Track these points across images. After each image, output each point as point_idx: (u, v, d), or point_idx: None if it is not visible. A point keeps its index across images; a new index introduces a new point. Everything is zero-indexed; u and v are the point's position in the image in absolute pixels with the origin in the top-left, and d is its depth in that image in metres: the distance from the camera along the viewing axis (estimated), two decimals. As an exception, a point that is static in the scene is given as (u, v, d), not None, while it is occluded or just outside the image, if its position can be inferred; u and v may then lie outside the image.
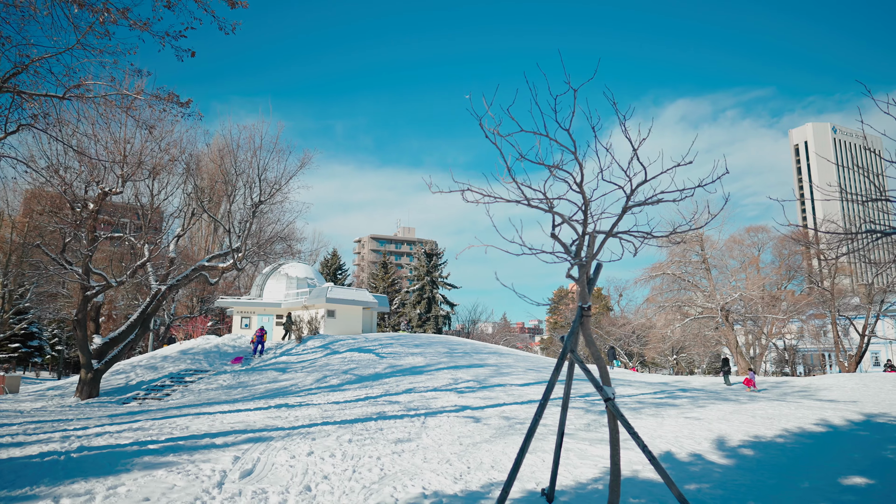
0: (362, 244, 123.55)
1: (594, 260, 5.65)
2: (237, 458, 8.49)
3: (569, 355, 5.69)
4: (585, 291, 5.67)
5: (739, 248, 47.30)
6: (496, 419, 12.85)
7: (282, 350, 30.31)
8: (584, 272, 5.72)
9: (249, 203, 23.36)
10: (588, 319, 5.64)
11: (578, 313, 5.66)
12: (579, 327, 5.65)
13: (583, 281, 5.69)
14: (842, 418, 14.74)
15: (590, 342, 5.61)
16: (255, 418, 12.94)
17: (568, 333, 5.64)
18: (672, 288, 45.57)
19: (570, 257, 5.78)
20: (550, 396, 5.57)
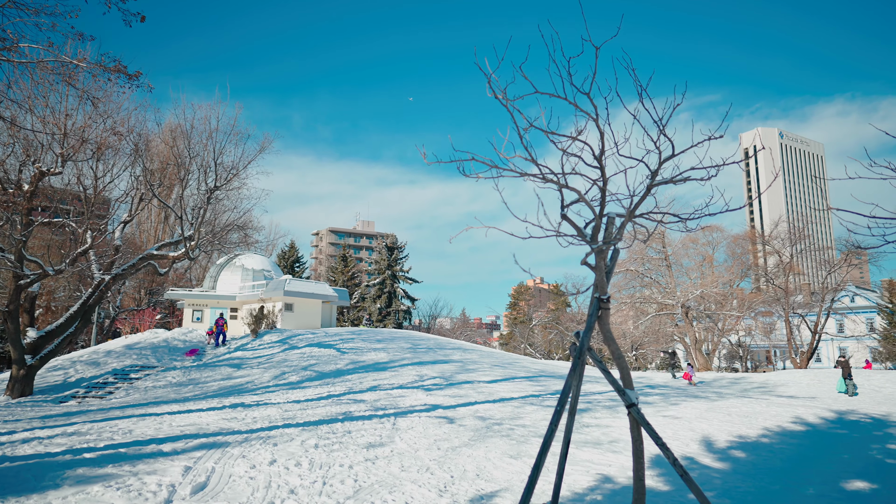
0: (320, 237, 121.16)
1: (613, 245, 4.91)
2: (188, 469, 7.45)
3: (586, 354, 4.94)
4: (604, 280, 4.93)
5: (695, 246, 47.98)
6: (471, 419, 12.08)
7: (236, 345, 28.86)
8: (601, 258, 4.97)
9: (204, 189, 21.91)
10: (606, 313, 4.90)
11: (595, 305, 4.91)
12: (596, 322, 4.89)
13: (600, 268, 4.94)
14: (816, 416, 14.58)
15: (609, 339, 4.87)
16: (209, 420, 11.81)
17: (585, 329, 4.88)
18: (631, 285, 45.85)
19: (585, 241, 5.02)
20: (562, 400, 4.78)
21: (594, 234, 5.03)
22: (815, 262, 78.48)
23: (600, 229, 5.02)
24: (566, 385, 4.75)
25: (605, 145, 4.85)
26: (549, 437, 4.55)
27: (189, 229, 22.11)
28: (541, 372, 25.46)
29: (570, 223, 5.13)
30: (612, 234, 5.01)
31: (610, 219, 4.98)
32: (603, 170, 4.97)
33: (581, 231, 5.07)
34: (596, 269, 4.95)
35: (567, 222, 5.15)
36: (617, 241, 4.86)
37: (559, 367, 34.43)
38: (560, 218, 5.22)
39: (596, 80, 4.87)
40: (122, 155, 20.63)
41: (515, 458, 8.52)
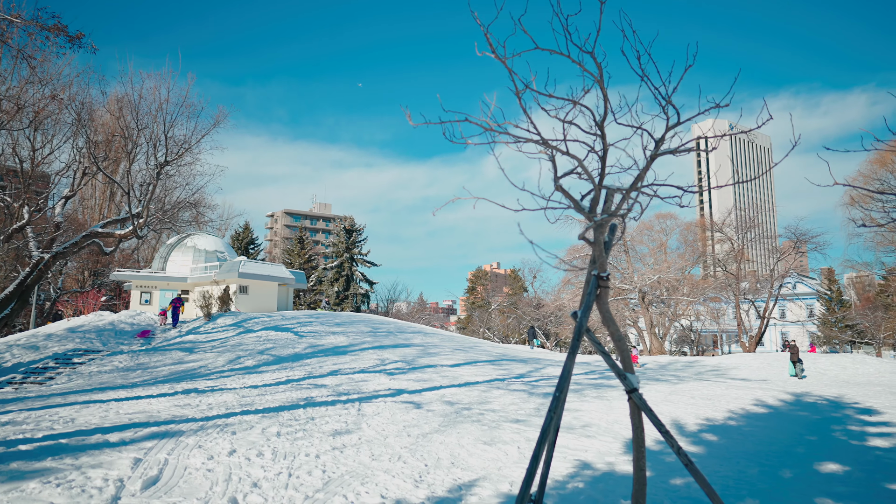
0: (275, 219, 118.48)
1: (613, 219, 4.54)
2: (138, 462, 6.82)
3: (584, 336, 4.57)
4: (603, 256, 4.57)
5: (650, 233, 48.94)
6: (439, 404, 11.73)
7: (188, 328, 27.72)
8: (600, 233, 4.60)
9: (153, 163, 20.71)
10: (606, 291, 4.55)
11: (594, 284, 4.55)
12: (595, 301, 4.53)
13: (599, 243, 4.58)
14: (775, 398, 14.84)
15: (609, 319, 4.52)
16: (160, 407, 11.09)
17: (582, 309, 4.52)
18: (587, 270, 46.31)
19: (584, 214, 4.65)
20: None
21: (592, 206, 4.66)
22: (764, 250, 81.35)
23: (599, 201, 4.65)
24: (565, 369, 4.39)
25: (608, 109, 4.47)
26: (547, 425, 4.19)
27: (137, 206, 20.90)
28: (502, 356, 25.39)
29: (566, 195, 4.74)
30: (611, 206, 4.64)
31: (609, 191, 4.61)
32: (604, 137, 4.59)
33: (578, 203, 4.69)
34: (595, 244, 4.58)
35: (562, 193, 4.76)
36: (617, 214, 4.49)
37: (519, 350, 34.52)
38: (555, 189, 4.82)
39: (599, 40, 4.48)
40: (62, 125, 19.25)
41: (489, 445, 8.20)
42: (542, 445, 4.14)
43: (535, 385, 15.61)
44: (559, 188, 4.79)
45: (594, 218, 4.58)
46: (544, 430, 4.16)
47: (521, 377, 17.64)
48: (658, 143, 4.62)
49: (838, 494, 6.52)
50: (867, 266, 47.75)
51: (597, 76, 4.41)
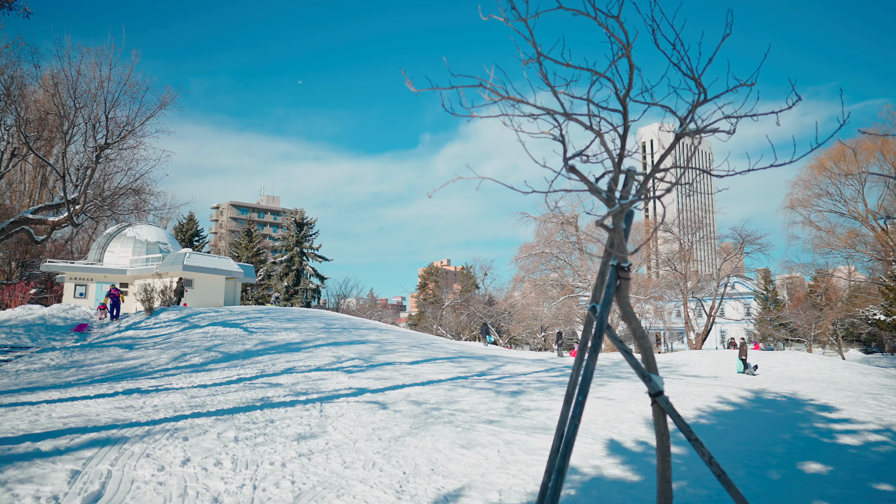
0: (221, 211, 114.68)
1: (633, 204, 4.10)
2: (76, 474, 5.98)
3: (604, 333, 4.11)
4: (623, 244, 4.12)
5: (600, 232, 49.62)
6: (405, 404, 11.15)
7: (127, 323, 26.10)
8: (619, 219, 4.16)
9: (92, 146, 19.25)
10: (627, 283, 4.10)
11: (613, 275, 4.10)
12: (614, 295, 4.08)
13: (619, 230, 4.13)
14: (736, 396, 14.96)
15: (629, 315, 4.07)
16: (99, 409, 10.09)
17: (602, 303, 4.06)
18: (539, 268, 46.66)
19: (600, 198, 4.19)
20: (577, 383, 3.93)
21: (610, 189, 4.20)
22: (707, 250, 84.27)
23: (618, 183, 4.20)
24: (586, 369, 3.92)
25: (632, 80, 4.01)
26: (571, 433, 3.70)
27: (73, 192, 19.40)
28: (459, 353, 24.98)
29: (581, 176, 4.26)
30: (630, 190, 4.20)
31: (629, 173, 4.17)
32: (626, 112, 4.14)
33: (594, 186, 4.22)
34: (614, 231, 4.13)
35: (576, 175, 4.29)
36: (643, 198, 4.05)
37: (475, 347, 34.27)
38: (566, 170, 4.35)
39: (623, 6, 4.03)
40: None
41: (468, 449, 7.69)
42: (565, 457, 3.66)
43: (500, 383, 15.23)
44: (572, 169, 4.31)
45: (617, 202, 4.13)
46: (568, 439, 3.68)
47: (483, 375, 17.25)
48: (683, 121, 4.20)
49: (831, 497, 6.34)
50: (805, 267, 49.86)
51: (624, 42, 3.95)
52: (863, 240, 40.97)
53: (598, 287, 4.43)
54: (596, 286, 4.43)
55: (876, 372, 27.89)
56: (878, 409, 13.50)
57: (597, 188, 4.27)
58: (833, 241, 40.95)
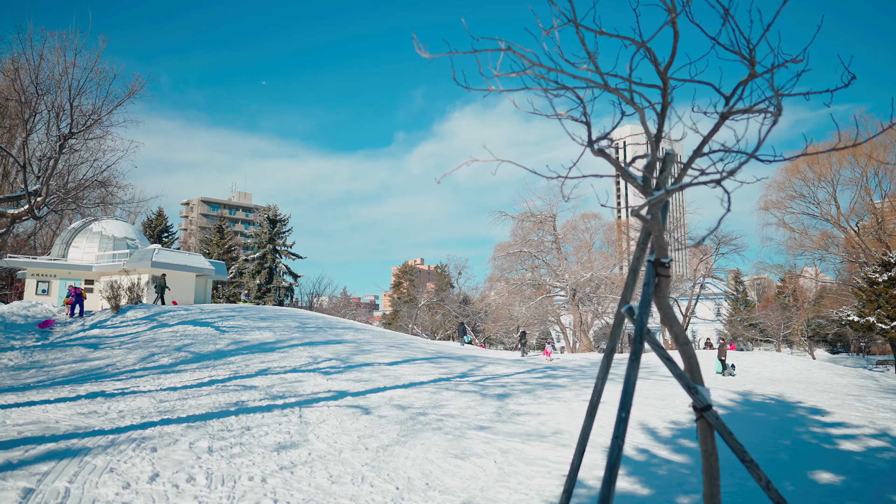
0: (191, 207, 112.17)
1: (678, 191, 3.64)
2: (29, 493, 5.31)
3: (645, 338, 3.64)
4: (663, 238, 3.66)
5: (574, 232, 49.60)
6: (389, 409, 10.60)
7: (92, 321, 24.96)
8: (658, 209, 3.70)
9: (56, 135, 18.22)
10: (666, 281, 3.64)
11: (651, 272, 3.63)
12: (653, 295, 3.61)
13: (657, 221, 3.68)
14: (724, 398, 14.75)
15: (671, 317, 3.61)
16: (59, 415, 9.32)
17: (641, 303, 3.59)
18: (515, 267, 46.42)
19: (635, 185, 3.73)
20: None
21: (647, 175, 3.73)
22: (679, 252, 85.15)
23: (655, 169, 3.74)
24: (628, 381, 3.44)
25: (675, 51, 3.55)
26: (615, 455, 3.22)
27: (35, 183, 18.36)
28: (437, 353, 24.49)
29: (611, 161, 3.80)
30: (667, 177, 3.74)
31: (669, 155, 3.71)
32: (666, 88, 3.67)
33: (625, 171, 3.76)
34: (652, 222, 3.66)
35: (605, 159, 3.82)
36: (684, 185, 3.59)
37: (452, 347, 33.78)
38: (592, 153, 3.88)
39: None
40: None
41: (462, 459, 7.19)
42: (610, 486, 3.17)
43: (484, 385, 14.77)
44: (601, 152, 3.83)
45: (656, 190, 3.66)
46: (612, 462, 3.19)
47: (465, 376, 16.79)
48: (728, 98, 3.75)
49: (851, 510, 6.00)
50: (778, 268, 50.53)
51: (670, 6, 3.48)
52: (835, 242, 41.64)
53: (630, 286, 3.96)
54: (627, 285, 3.96)
55: (850, 372, 28.16)
56: (866, 411, 13.38)
57: (630, 174, 3.80)
58: (806, 243, 41.52)
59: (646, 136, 3.71)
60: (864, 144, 37.86)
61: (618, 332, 4.07)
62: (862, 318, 33.29)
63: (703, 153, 3.80)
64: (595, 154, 3.93)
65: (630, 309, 3.64)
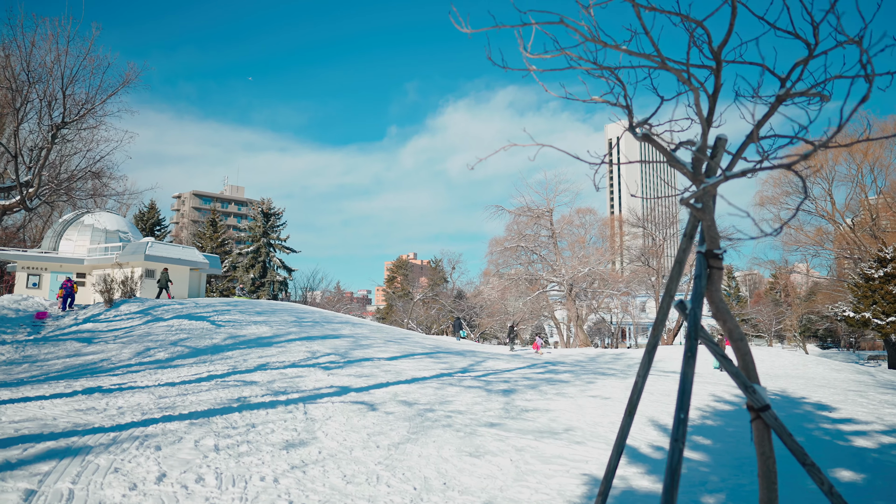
0: (183, 200, 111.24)
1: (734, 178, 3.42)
2: (31, 495, 5.05)
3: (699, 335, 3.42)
4: (714, 227, 3.46)
5: (570, 227, 49.49)
6: (395, 405, 10.38)
7: (85, 315, 24.57)
8: (710, 197, 3.49)
9: (48, 124, 17.82)
10: (719, 274, 3.44)
11: (702, 263, 3.42)
12: (705, 289, 3.41)
13: (709, 209, 3.47)
14: (730, 394, 14.63)
15: (724, 312, 3.41)
16: (56, 412, 9.04)
17: (692, 297, 3.38)
18: (510, 262, 46.27)
19: (684, 173, 3.52)
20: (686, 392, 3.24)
21: (696, 161, 3.52)
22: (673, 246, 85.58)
23: (705, 154, 3.53)
24: (685, 380, 3.23)
25: (733, 28, 3.33)
26: (676, 460, 3.01)
27: (26, 174, 17.95)
28: (436, 347, 24.31)
29: (656, 145, 3.60)
30: (717, 163, 3.53)
31: (720, 140, 3.49)
32: (719, 67, 3.46)
33: (672, 156, 3.55)
34: (703, 211, 3.45)
35: (650, 144, 3.62)
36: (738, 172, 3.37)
37: (450, 342, 33.58)
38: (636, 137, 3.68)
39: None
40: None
41: (477, 458, 6.98)
42: (671, 492, 2.97)
43: (487, 381, 14.58)
44: (646, 137, 3.63)
45: (707, 177, 3.45)
46: (674, 467, 2.99)
47: (466, 371, 16.60)
48: (784, 80, 3.54)
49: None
50: (772, 264, 50.66)
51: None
52: (830, 238, 41.73)
53: (675, 278, 3.75)
54: (672, 277, 3.75)
55: (846, 368, 28.22)
56: (871, 407, 13.31)
57: (678, 160, 3.59)
58: (801, 239, 41.60)
59: (698, 118, 3.49)
60: (860, 140, 37.84)
61: (661, 328, 3.87)
62: (857, 314, 33.38)
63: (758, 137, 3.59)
64: (639, 139, 3.72)
65: (681, 303, 3.44)
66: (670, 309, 3.87)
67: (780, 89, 3.56)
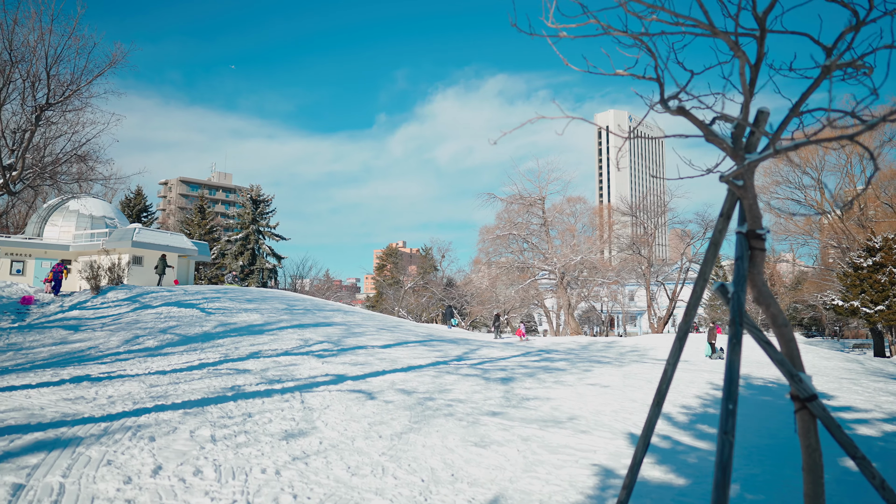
0: (170, 187, 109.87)
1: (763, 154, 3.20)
2: (19, 490, 4.79)
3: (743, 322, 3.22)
4: (757, 206, 3.24)
5: (560, 216, 49.40)
6: (393, 393, 10.18)
7: (71, 302, 24.10)
8: (751, 174, 3.27)
9: (31, 105, 17.29)
10: (761, 256, 3.23)
11: (742, 244, 3.21)
12: (748, 272, 3.19)
13: (750, 187, 3.25)
14: (726, 382, 14.59)
15: (767, 296, 3.20)
16: (43, 401, 8.74)
17: (735, 280, 3.16)
18: (500, 251, 46.13)
19: (723, 149, 3.30)
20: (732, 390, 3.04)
21: (737, 135, 3.30)
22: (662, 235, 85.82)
23: (745, 128, 3.31)
24: (731, 369, 3.02)
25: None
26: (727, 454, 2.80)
27: (9, 157, 17.43)
28: (429, 336, 24.15)
29: (692, 119, 3.37)
30: (758, 138, 3.31)
31: (762, 114, 3.27)
32: (763, 34, 3.23)
33: (709, 130, 3.32)
34: (745, 188, 3.24)
35: (686, 117, 3.40)
36: (785, 148, 3.15)
37: (442, 330, 33.44)
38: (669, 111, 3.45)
39: None
40: None
41: (483, 447, 6.79)
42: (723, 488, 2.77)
43: (484, 369, 14.42)
44: (681, 110, 3.39)
45: (747, 153, 3.23)
46: (724, 463, 2.79)
47: (461, 359, 16.44)
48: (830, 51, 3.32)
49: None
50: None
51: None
52: (819, 227, 41.95)
53: (710, 261, 3.53)
54: (706, 260, 3.53)
55: (835, 356, 28.39)
56: (867, 395, 13.30)
57: (716, 134, 3.37)
58: (791, 227, 41.80)
59: (741, 89, 3.27)
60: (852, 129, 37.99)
61: (693, 313, 3.66)
62: (846, 303, 33.62)
63: (801, 112, 3.37)
64: (673, 113, 3.49)
65: (722, 287, 3.22)
66: (703, 293, 3.67)
67: (826, 60, 3.35)
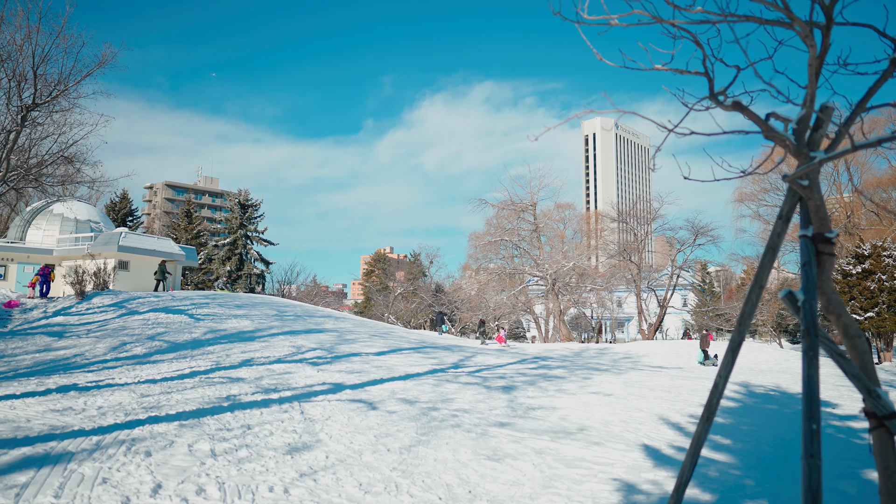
0: (155, 191, 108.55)
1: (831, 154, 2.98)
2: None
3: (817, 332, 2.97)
4: (824, 207, 3.01)
5: (549, 222, 49.31)
6: (396, 403, 9.86)
7: (55, 308, 23.48)
8: (817, 174, 3.05)
9: (17, 105, 16.80)
10: (831, 261, 3.00)
11: (809, 249, 2.97)
12: (818, 278, 2.96)
13: (816, 187, 3.03)
14: (729, 389, 14.41)
15: (837, 304, 2.96)
16: (29, 412, 8.32)
17: (805, 286, 2.92)
18: (490, 256, 45.92)
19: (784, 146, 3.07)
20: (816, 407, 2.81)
21: (799, 133, 3.07)
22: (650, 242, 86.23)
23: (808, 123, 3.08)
24: (809, 384, 2.78)
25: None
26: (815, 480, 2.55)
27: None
28: (422, 342, 23.85)
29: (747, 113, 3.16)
30: (822, 136, 3.08)
31: (827, 109, 3.05)
32: (830, 25, 3.01)
33: (767, 126, 3.09)
34: (811, 189, 3.01)
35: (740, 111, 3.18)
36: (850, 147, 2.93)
37: (434, 337, 33.12)
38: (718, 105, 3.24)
39: None
40: None
41: (496, 461, 6.51)
42: None
43: (483, 377, 14.14)
44: (735, 105, 3.18)
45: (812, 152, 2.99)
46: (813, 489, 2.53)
47: (458, 367, 16.14)
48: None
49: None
50: (749, 259, 51.17)
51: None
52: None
53: (766, 266, 3.29)
54: (763, 266, 3.29)
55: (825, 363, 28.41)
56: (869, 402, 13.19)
57: (776, 130, 3.13)
58: (780, 235, 41.91)
59: (808, 82, 3.04)
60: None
61: (748, 322, 3.42)
62: (836, 310, 33.69)
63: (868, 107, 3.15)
64: (727, 108, 3.26)
65: (790, 294, 2.97)
66: (759, 300, 3.43)
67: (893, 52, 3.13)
